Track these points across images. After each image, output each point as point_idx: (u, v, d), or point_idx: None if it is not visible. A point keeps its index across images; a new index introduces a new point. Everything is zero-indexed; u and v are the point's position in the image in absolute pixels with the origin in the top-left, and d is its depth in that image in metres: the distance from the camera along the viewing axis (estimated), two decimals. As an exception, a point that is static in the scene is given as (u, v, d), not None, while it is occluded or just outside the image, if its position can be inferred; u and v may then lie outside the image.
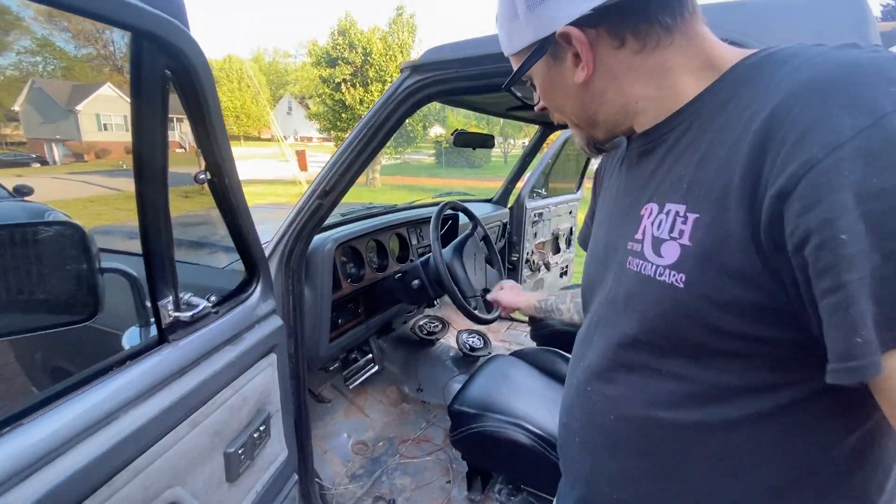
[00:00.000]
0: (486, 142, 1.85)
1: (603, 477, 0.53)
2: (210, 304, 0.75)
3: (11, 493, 0.47)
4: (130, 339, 0.78)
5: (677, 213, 0.41)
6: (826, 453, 0.39)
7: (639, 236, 0.45)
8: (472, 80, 0.91)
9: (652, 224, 0.44)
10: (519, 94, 0.64)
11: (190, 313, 0.71)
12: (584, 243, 0.84)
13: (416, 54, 13.09)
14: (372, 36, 11.96)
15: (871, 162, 0.28)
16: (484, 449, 1.20)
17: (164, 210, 0.61)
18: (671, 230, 0.41)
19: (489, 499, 1.39)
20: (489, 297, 1.22)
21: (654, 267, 0.42)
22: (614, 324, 0.48)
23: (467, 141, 1.78)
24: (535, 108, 0.57)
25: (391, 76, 12.01)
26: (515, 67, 0.52)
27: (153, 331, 0.72)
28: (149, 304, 0.68)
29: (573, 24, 0.43)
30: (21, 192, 5.14)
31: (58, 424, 0.53)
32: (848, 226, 0.29)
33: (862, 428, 0.39)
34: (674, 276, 0.40)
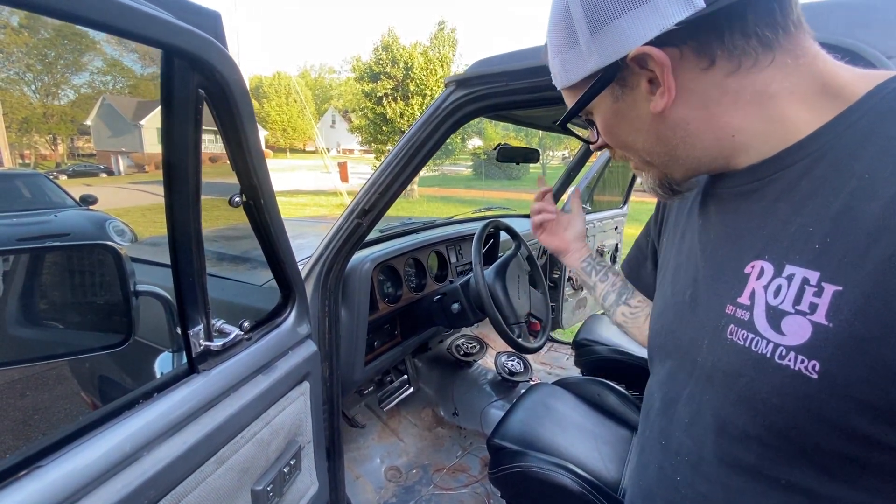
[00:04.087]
0: (529, 156, 1.76)
1: None
2: (242, 332, 0.71)
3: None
4: (162, 364, 0.76)
5: (806, 281, 0.32)
6: None
7: (744, 300, 0.37)
8: (522, 94, 0.84)
9: (766, 289, 0.35)
10: (577, 134, 0.54)
11: (221, 342, 0.67)
12: (632, 274, 0.74)
13: (456, 68, 13.26)
14: (413, 51, 12.17)
15: None
16: (526, 491, 1.10)
17: (196, 237, 0.58)
18: (797, 301, 0.33)
19: (530, 543, 1.28)
20: (534, 218, 0.84)
21: (770, 345, 0.34)
22: (713, 407, 0.39)
23: (511, 155, 1.70)
24: (592, 147, 0.49)
25: (431, 90, 12.15)
26: (570, 102, 0.44)
27: (184, 358, 0.69)
28: (179, 331, 0.65)
29: (651, 43, 0.35)
30: (86, 201, 5.50)
31: (79, 465, 0.50)
32: None
33: None
34: (803, 362, 0.32)
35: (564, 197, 2.55)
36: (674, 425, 0.45)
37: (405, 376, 1.80)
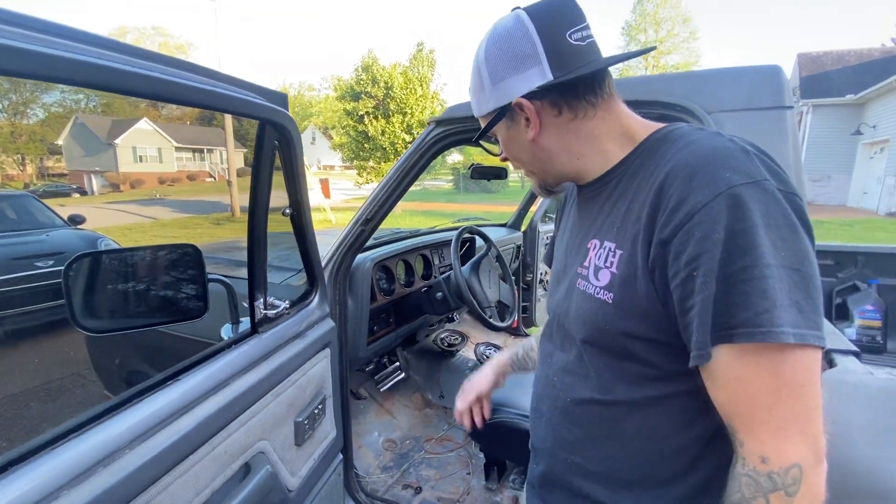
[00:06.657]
0: (499, 174, 2.08)
1: (561, 447, 0.66)
2: (287, 305, 0.99)
3: (175, 424, 0.69)
4: (225, 331, 1.03)
5: (610, 249, 0.56)
6: (706, 427, 0.54)
7: (586, 264, 0.60)
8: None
9: (595, 255, 0.59)
10: (486, 147, 0.77)
11: (274, 311, 0.95)
12: (549, 261, 0.98)
13: (434, 87, 13.80)
14: (393, 71, 12.62)
15: (711, 226, 0.45)
16: (499, 439, 1.38)
17: (263, 237, 0.86)
18: (605, 261, 0.56)
19: (505, 487, 1.56)
20: (456, 410, 1.05)
21: (594, 287, 0.57)
22: (570, 330, 0.63)
23: (483, 173, 2.01)
24: (500, 158, 0.70)
25: (411, 108, 12.60)
26: (482, 125, 0.66)
27: (246, 324, 0.96)
28: (245, 304, 0.92)
29: (524, 96, 0.57)
30: (75, 220, 5.60)
31: (189, 386, 0.75)
32: (697, 266, 0.45)
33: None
34: (606, 294, 0.55)
35: (534, 208, 2.88)
36: (553, 346, 0.70)
37: (397, 363, 2.07)
